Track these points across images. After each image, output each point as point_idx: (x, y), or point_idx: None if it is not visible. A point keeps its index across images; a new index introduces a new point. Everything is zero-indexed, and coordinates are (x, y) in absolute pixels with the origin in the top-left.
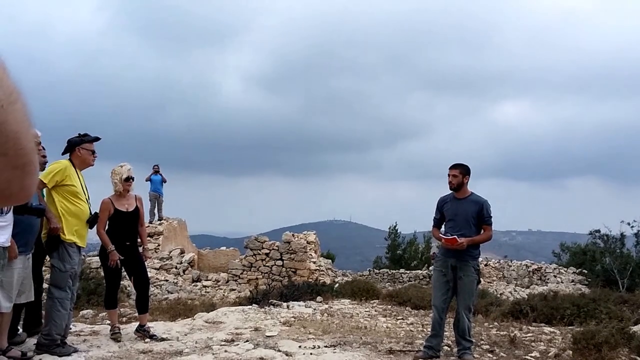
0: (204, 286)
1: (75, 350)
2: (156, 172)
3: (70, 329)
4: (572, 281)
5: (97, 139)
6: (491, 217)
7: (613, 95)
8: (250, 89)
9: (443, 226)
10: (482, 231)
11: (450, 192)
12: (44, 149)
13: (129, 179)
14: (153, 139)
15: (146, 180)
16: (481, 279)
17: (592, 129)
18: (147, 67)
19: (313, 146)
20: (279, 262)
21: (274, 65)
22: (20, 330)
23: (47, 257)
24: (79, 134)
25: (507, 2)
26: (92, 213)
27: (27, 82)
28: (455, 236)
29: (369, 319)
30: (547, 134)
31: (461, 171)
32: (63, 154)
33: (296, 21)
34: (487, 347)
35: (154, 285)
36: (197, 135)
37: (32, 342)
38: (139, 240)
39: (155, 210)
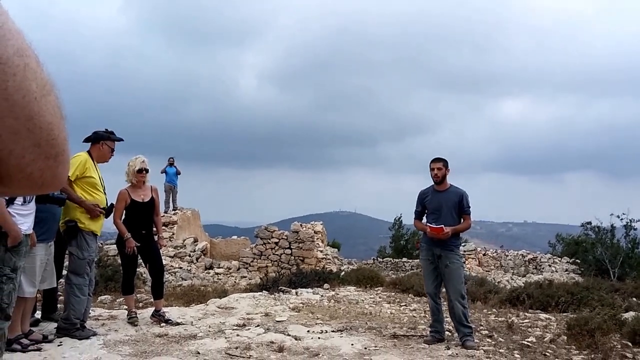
0: (216, 273)
1: (94, 334)
2: (171, 164)
3: (90, 313)
4: (566, 270)
5: (121, 139)
6: (470, 207)
7: (610, 94)
8: (264, 86)
9: (424, 218)
10: (462, 221)
11: (430, 185)
12: None
13: (141, 171)
14: (172, 132)
15: (161, 173)
16: (464, 263)
17: (590, 126)
18: (168, 64)
19: (322, 141)
20: (288, 251)
21: (288, 63)
22: (39, 313)
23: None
24: (106, 129)
25: (513, 4)
26: (108, 204)
27: (53, 75)
28: (442, 225)
29: (373, 305)
30: (547, 131)
31: (444, 164)
32: (85, 141)
33: (310, 21)
34: (486, 332)
35: (169, 272)
36: (213, 129)
37: (52, 326)
38: (154, 229)
39: (170, 201)
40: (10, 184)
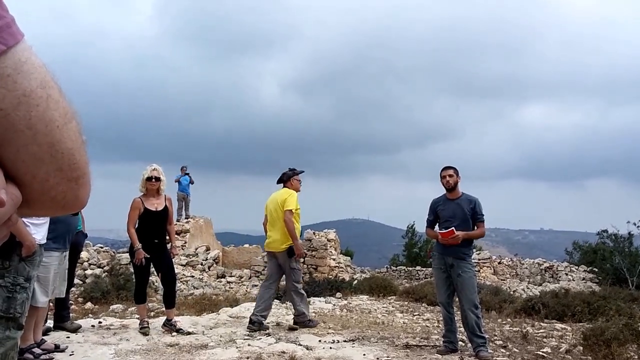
0: (228, 282)
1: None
2: (184, 173)
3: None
4: (583, 279)
5: (302, 171)
6: (483, 214)
7: (636, 100)
8: (286, 94)
9: (437, 227)
10: (476, 228)
11: (443, 194)
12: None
13: (150, 179)
14: (194, 140)
15: (175, 182)
16: (477, 271)
17: (615, 131)
18: (193, 73)
19: (342, 148)
20: (301, 259)
21: (310, 71)
22: (51, 322)
23: (80, 256)
24: (290, 168)
25: (544, 9)
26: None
27: (79, 84)
28: (452, 228)
29: (386, 314)
30: (571, 137)
31: (455, 172)
32: (278, 182)
33: (333, 28)
34: (500, 342)
35: (181, 281)
36: (233, 137)
37: (64, 335)
38: (167, 237)
39: (183, 209)
40: (35, 206)
